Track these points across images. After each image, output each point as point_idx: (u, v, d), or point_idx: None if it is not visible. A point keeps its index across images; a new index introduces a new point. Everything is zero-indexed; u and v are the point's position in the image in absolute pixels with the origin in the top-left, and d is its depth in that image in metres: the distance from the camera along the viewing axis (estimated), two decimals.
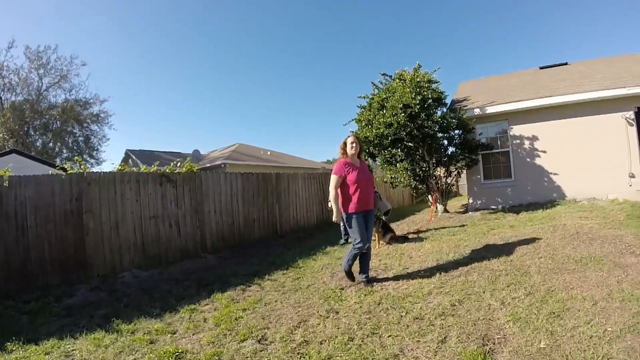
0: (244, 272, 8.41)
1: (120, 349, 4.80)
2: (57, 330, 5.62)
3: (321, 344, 4.40)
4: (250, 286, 7.30)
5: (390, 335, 4.39)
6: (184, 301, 6.63)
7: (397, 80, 14.35)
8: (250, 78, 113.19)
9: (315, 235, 13.53)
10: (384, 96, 14.03)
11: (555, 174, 14.42)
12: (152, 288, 7.83)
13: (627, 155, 13.42)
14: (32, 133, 38.17)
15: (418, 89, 13.31)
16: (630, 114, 13.42)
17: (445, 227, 11.80)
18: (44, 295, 7.28)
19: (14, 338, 5.23)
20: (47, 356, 4.75)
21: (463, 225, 11.75)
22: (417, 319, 4.81)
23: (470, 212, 14.78)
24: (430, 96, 13.44)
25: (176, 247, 10.12)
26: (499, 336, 4.11)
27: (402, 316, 4.94)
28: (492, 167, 15.76)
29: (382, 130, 13.18)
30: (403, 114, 12.85)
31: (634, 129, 13.51)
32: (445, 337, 4.21)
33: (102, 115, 41.15)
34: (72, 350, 4.92)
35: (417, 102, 12.92)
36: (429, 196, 16.02)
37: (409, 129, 13.04)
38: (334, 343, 4.33)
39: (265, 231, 12.96)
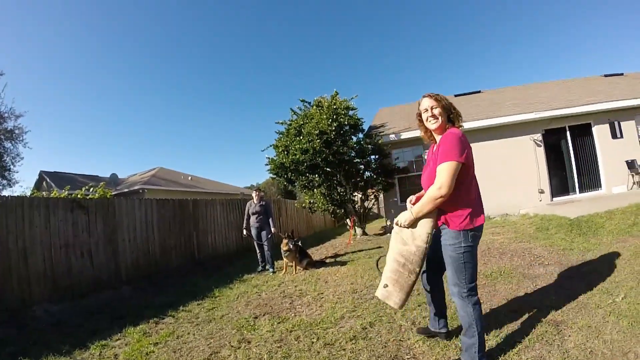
0: (158, 304, 8.22)
1: None
2: None
3: None
4: (164, 318, 7.16)
5: None
6: (95, 336, 6.38)
7: (315, 107, 14.64)
8: (172, 101, 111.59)
9: (233, 262, 13.43)
10: (302, 122, 14.29)
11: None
12: (63, 322, 7.50)
13: (537, 172, 14.66)
14: None
15: (335, 116, 13.64)
16: (538, 136, 14.71)
17: (362, 250, 12.06)
18: None
19: None
20: None
21: (380, 247, 12.07)
22: (328, 344, 4.83)
23: (388, 234, 15.15)
24: (347, 122, 13.85)
25: (89, 277, 9.69)
26: (408, 356, 4.19)
27: (313, 342, 4.95)
28: (408, 190, 16.12)
29: (298, 157, 13.42)
30: (319, 140, 13.14)
31: (542, 149, 14.84)
32: None
33: (16, 131, 37.88)
34: None
35: (333, 128, 13.26)
36: (347, 220, 16.27)
37: (324, 155, 13.34)
38: None
39: (183, 259, 12.71)
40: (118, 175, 32.36)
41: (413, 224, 3.74)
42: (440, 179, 3.46)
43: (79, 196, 10.05)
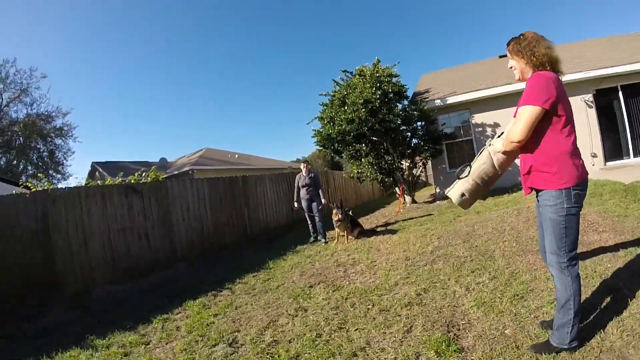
0: (215, 278, 8.44)
1: None
2: (32, 351, 5.57)
3: (290, 342, 4.47)
4: (221, 291, 7.36)
5: (357, 329, 4.45)
6: (156, 311, 6.63)
7: (358, 76, 14.45)
8: (213, 80, 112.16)
9: (285, 235, 13.63)
10: (345, 93, 14.13)
11: (518, 157, 14.37)
12: (125, 302, 7.83)
13: (589, 136, 13.90)
14: None
15: (378, 84, 13.48)
16: (589, 97, 13.99)
17: (413, 218, 11.99)
18: (17, 319, 7.24)
19: None
20: None
21: (430, 215, 11.99)
22: (383, 310, 4.88)
23: (437, 201, 15.03)
24: (391, 90, 13.69)
25: (147, 258, 10.04)
26: (463, 322, 4.15)
27: (368, 309, 5.01)
28: (456, 156, 16.09)
29: (344, 127, 13.38)
30: (364, 109, 13.03)
31: (593, 110, 14.08)
32: (410, 327, 4.25)
33: (65, 128, 40.24)
34: None
35: (378, 96, 13.09)
36: (396, 188, 16.14)
37: (370, 124, 13.28)
38: (302, 340, 4.39)
39: (235, 235, 12.91)
40: (167, 159, 33.02)
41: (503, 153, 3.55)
42: (514, 124, 3.22)
43: (132, 181, 10.30)
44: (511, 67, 3.50)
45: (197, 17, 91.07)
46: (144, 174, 11.05)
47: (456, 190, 3.77)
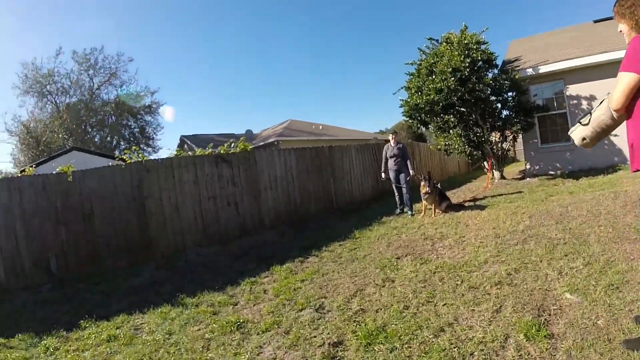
0: (301, 245, 8.63)
1: (186, 320, 5.13)
2: (126, 306, 6.01)
3: (377, 312, 4.50)
4: (308, 258, 7.53)
5: (445, 304, 4.40)
6: (244, 275, 6.89)
7: (445, 43, 13.97)
8: (294, 52, 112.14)
9: (370, 206, 13.59)
10: (432, 61, 13.71)
11: (615, 135, 13.00)
12: (214, 264, 8.19)
13: None
14: (90, 130, 41.47)
15: (467, 52, 13.01)
16: None
17: (502, 194, 11.63)
18: (112, 277, 7.82)
19: (86, 316, 5.66)
20: (117, 330, 5.13)
21: (520, 192, 11.55)
22: (472, 287, 4.79)
23: (527, 178, 14.37)
24: (479, 58, 13.16)
25: (235, 224, 10.42)
26: (554, 307, 3.99)
27: (457, 285, 4.95)
28: (549, 130, 15.11)
29: (432, 97, 12.98)
30: (453, 78, 12.60)
31: None
32: (500, 307, 4.15)
33: (154, 105, 43.85)
34: (141, 324, 5.32)
35: (467, 65, 12.62)
36: (485, 162, 15.74)
37: (460, 94, 12.80)
38: (390, 311, 4.40)
39: (320, 205, 13.03)
40: (252, 131, 33.66)
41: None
42: (613, 90, 2.89)
43: (221, 152, 10.60)
44: (620, 31, 3.19)
45: None
46: (232, 145, 11.31)
47: (578, 133, 3.57)
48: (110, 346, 4.66)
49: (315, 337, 4.13)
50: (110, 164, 9.72)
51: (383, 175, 11.33)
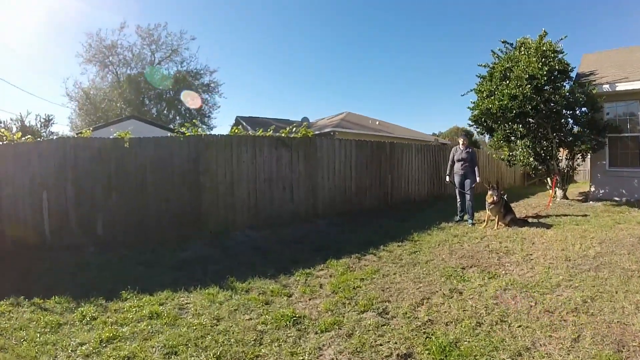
0: (357, 240, 8.39)
1: (235, 307, 4.91)
2: (170, 282, 5.83)
3: (447, 325, 4.28)
4: (365, 255, 7.29)
5: (520, 326, 4.19)
6: (298, 264, 6.68)
7: (520, 48, 13.57)
8: (355, 47, 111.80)
9: (426, 208, 13.25)
10: (507, 65, 13.25)
11: None
12: (265, 248, 8.01)
13: None
14: (147, 102, 42.77)
15: (544, 59, 12.50)
16: None
17: (566, 215, 11.17)
18: (159, 248, 7.73)
19: (129, 287, 5.51)
20: (161, 307, 4.93)
21: (585, 215, 11.04)
22: (547, 311, 4.55)
23: (591, 202, 13.81)
24: (556, 67, 12.55)
25: (288, 210, 10.35)
26: (634, 344, 3.78)
27: (531, 306, 4.71)
28: (619, 153, 14.24)
29: (505, 102, 12.44)
30: (529, 86, 12.07)
31: None
32: (578, 336, 3.94)
33: (212, 85, 44.85)
34: (186, 303, 5.11)
35: (544, 73, 12.07)
36: (548, 179, 15.20)
37: (535, 103, 12.23)
38: (461, 326, 4.19)
39: (375, 200, 12.90)
40: (309, 119, 33.56)
41: None
42: None
43: (282, 135, 10.48)
44: None
45: None
46: (294, 130, 11.19)
47: None
48: (152, 324, 4.44)
49: (381, 345, 3.90)
50: (169, 135, 9.66)
51: (447, 178, 10.97)
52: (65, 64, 69.52)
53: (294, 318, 4.48)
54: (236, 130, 10.15)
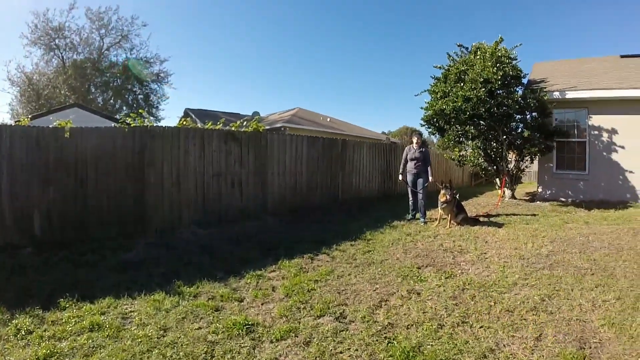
0: (309, 239, 8.15)
1: (183, 314, 4.53)
2: (113, 286, 5.35)
3: (408, 328, 4.13)
4: (318, 255, 7.06)
5: (482, 327, 4.13)
6: (248, 265, 6.35)
7: (475, 52, 13.86)
8: (308, 43, 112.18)
9: (377, 206, 13.25)
10: (462, 68, 13.52)
11: (631, 172, 13.56)
12: (213, 248, 7.61)
13: None
14: (93, 90, 40.31)
15: (498, 64, 12.80)
16: None
17: (515, 214, 11.44)
18: (100, 248, 7.20)
19: (67, 294, 4.96)
20: (102, 317, 4.45)
21: (534, 215, 11.35)
22: (507, 311, 4.53)
23: (538, 202, 14.29)
24: (510, 73, 12.91)
25: (237, 207, 10.03)
26: (595, 340, 3.83)
27: (491, 306, 4.67)
28: (565, 157, 14.94)
29: (460, 104, 12.70)
30: (483, 89, 12.38)
31: None
32: (540, 335, 3.94)
33: (162, 74, 42.53)
34: (130, 311, 4.65)
35: (499, 77, 12.43)
36: (497, 179, 15.51)
37: (488, 106, 12.58)
38: (423, 329, 4.05)
39: (326, 197, 12.78)
40: (260, 113, 33.19)
41: None
42: None
43: (233, 129, 10.16)
44: None
45: None
46: (245, 123, 10.91)
47: None
48: (93, 337, 3.95)
49: (341, 352, 3.68)
50: (113, 125, 9.18)
51: (400, 177, 10.92)
52: (8, 46, 65.96)
53: (247, 326, 4.17)
54: (184, 123, 9.75)
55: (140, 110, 10.43)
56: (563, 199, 14.50)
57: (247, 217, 9.96)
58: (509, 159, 15.18)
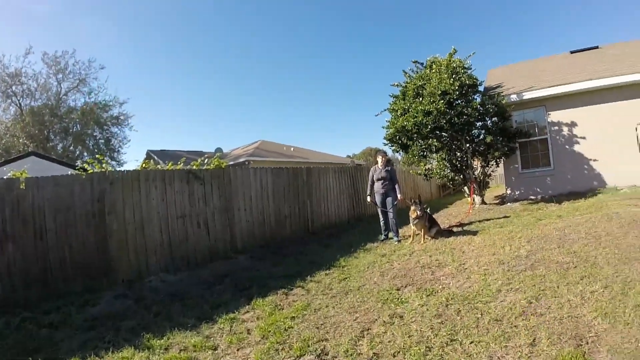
0: (282, 274, 7.84)
1: None
2: (79, 346, 4.96)
3: (395, 356, 3.87)
4: (292, 289, 6.72)
5: (472, 342, 3.94)
6: (220, 309, 6.00)
7: (431, 67, 14.11)
8: (264, 75, 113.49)
9: (348, 231, 13.03)
10: (419, 83, 13.71)
11: (595, 160, 14.01)
12: (183, 294, 7.19)
13: None
14: (52, 137, 38.85)
15: (454, 75, 13.06)
16: None
17: (488, 219, 11.45)
18: (65, 305, 6.68)
19: (30, 359, 4.57)
20: None
21: (507, 217, 11.41)
22: (496, 320, 4.38)
23: (509, 203, 14.48)
24: (466, 82, 13.16)
25: (205, 247, 9.64)
26: (591, 334, 3.78)
27: (478, 318, 4.50)
28: (529, 156, 15.36)
29: (420, 119, 12.83)
30: (442, 101, 12.56)
31: None
32: (534, 340, 3.83)
33: (121, 117, 41.56)
34: None
35: (456, 88, 12.68)
36: (465, 187, 15.72)
37: (449, 117, 12.74)
38: (410, 355, 3.81)
39: (296, 228, 12.51)
40: (222, 149, 32.97)
41: None
42: None
43: (194, 167, 9.86)
44: None
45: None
46: (206, 161, 10.61)
47: None
48: None
49: None
50: (70, 172, 8.74)
51: (369, 198, 10.73)
52: None
53: None
54: (145, 165, 9.42)
55: (98, 156, 9.98)
56: (532, 197, 14.84)
57: (216, 257, 9.61)
58: (475, 166, 15.38)
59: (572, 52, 19.56)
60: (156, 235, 8.67)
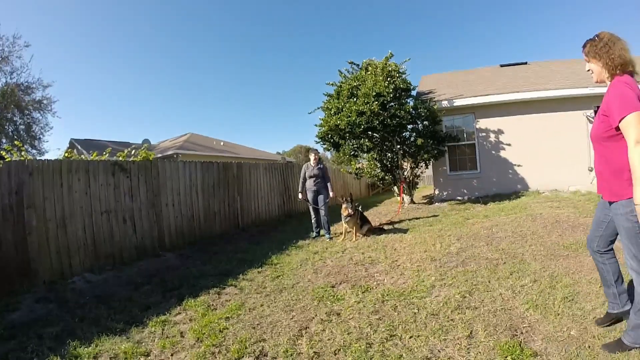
0: (213, 272, 7.56)
1: None
2: None
3: (336, 354, 3.77)
4: (225, 288, 6.47)
5: (411, 337, 3.95)
6: (150, 311, 5.64)
7: (366, 69, 14.31)
8: (197, 67, 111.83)
9: (279, 228, 12.97)
10: (354, 84, 13.85)
11: (519, 165, 15.08)
12: (110, 295, 6.72)
13: (588, 150, 13.99)
14: None
15: (389, 78, 13.31)
16: (591, 113, 14.20)
17: (418, 218, 11.71)
18: None
19: None
20: None
21: (435, 216, 11.72)
22: (432, 315, 4.44)
23: (437, 203, 14.95)
24: (401, 86, 13.46)
25: (132, 245, 9.18)
26: (524, 325, 3.96)
27: (415, 313, 4.53)
28: (457, 159, 16.09)
29: (354, 119, 12.91)
30: (376, 102, 12.69)
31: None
32: (471, 332, 3.93)
33: (45, 101, 37.03)
34: None
35: (390, 90, 12.89)
36: (395, 187, 16.07)
37: (382, 118, 12.96)
38: (352, 352, 3.73)
39: (226, 225, 12.26)
40: (150, 141, 31.93)
41: None
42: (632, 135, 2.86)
43: (120, 159, 9.37)
44: (589, 70, 3.42)
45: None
46: (133, 152, 10.12)
47: None
48: None
49: None
50: None
51: (300, 195, 10.61)
52: None
53: None
54: (68, 155, 8.82)
55: (17, 143, 9.28)
56: (459, 198, 15.52)
57: (144, 256, 9.21)
58: (405, 167, 15.73)
59: (501, 66, 20.97)
60: (79, 232, 8.11)
